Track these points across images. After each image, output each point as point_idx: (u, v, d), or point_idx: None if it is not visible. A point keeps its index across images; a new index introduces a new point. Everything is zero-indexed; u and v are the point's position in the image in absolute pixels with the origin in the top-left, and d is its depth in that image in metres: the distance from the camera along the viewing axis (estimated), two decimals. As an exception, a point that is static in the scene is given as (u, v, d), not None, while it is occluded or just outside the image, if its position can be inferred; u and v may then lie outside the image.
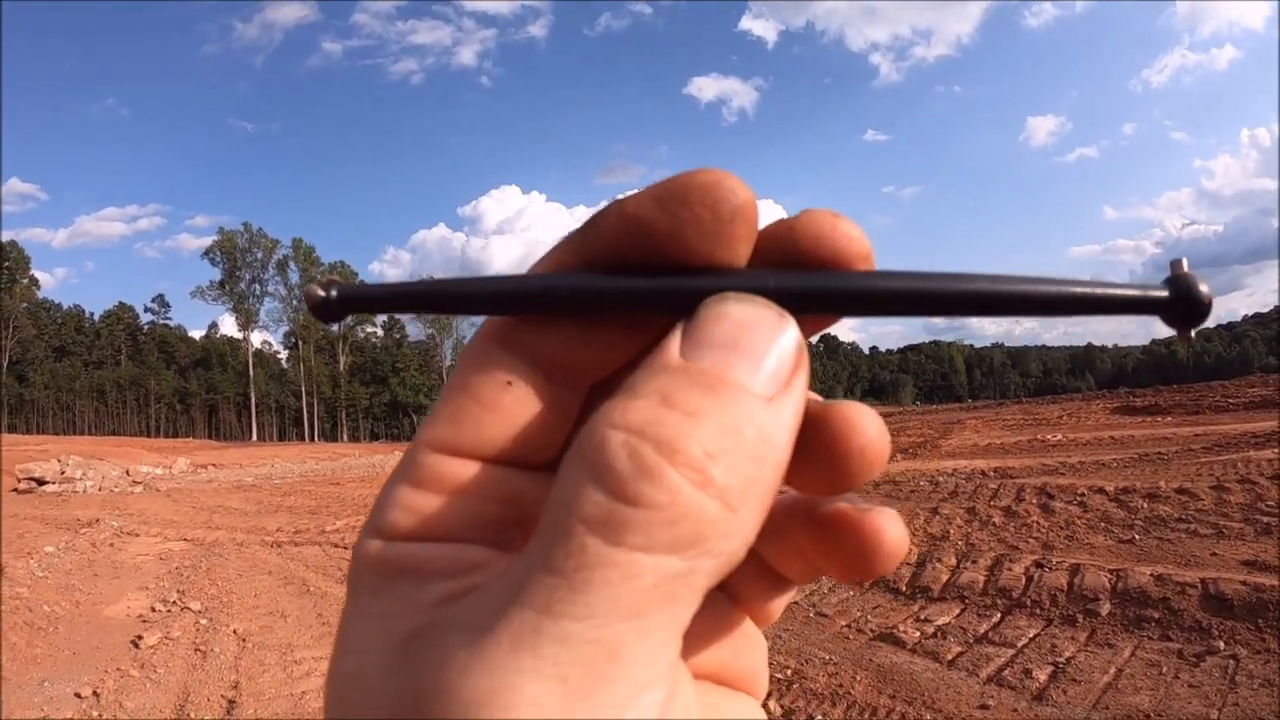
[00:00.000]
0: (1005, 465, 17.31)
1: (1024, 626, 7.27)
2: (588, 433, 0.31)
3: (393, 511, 0.36)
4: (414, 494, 0.36)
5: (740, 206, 0.34)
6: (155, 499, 25.91)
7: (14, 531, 16.66)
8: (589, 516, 0.29)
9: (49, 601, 10.55)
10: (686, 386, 0.31)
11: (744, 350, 0.32)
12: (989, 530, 10.13)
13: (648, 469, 0.29)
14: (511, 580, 0.30)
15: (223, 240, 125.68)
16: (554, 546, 0.29)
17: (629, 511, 0.29)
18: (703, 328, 0.33)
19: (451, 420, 0.37)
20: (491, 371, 0.37)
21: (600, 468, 0.29)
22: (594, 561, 0.28)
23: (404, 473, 0.37)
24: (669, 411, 0.30)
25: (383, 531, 0.36)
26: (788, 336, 0.33)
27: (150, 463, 44.38)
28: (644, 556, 0.28)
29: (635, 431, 0.30)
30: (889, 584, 8.71)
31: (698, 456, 0.29)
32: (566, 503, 0.29)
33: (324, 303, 0.40)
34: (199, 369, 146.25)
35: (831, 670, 6.81)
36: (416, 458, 0.37)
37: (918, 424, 40.13)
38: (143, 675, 8.04)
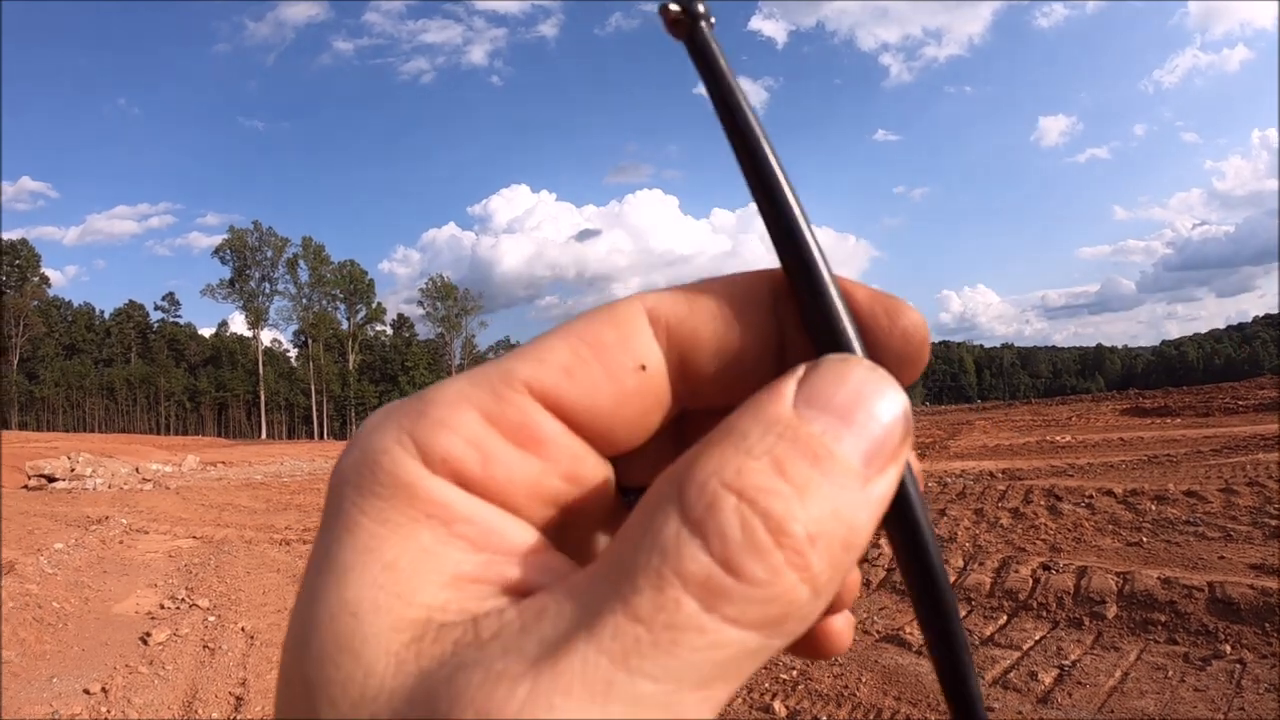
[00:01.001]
0: (1014, 466, 17.30)
1: (1030, 629, 7.27)
2: (696, 480, 0.30)
3: (454, 438, 0.33)
4: (487, 431, 0.34)
5: (919, 361, 0.38)
6: (165, 496, 25.95)
7: (24, 528, 16.71)
8: (689, 575, 0.28)
9: (58, 598, 10.58)
10: (798, 455, 0.30)
11: (856, 423, 0.32)
12: (996, 532, 10.12)
13: (757, 544, 0.28)
14: (580, 607, 0.29)
15: (233, 239, 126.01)
16: (643, 593, 0.28)
17: (730, 581, 0.28)
18: (822, 384, 0.33)
19: (566, 373, 0.35)
20: (633, 345, 0.36)
21: (711, 530, 0.28)
22: (685, 623, 0.27)
23: (479, 398, 0.34)
24: (782, 483, 0.29)
25: (427, 453, 0.33)
26: (898, 413, 0.33)
27: (160, 460, 44.44)
28: (732, 629, 0.28)
29: (749, 499, 0.29)
30: (895, 585, 8.71)
31: (801, 540, 0.29)
32: (665, 550, 0.28)
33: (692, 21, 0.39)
34: (209, 367, 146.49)
35: (837, 671, 6.82)
36: (505, 392, 0.34)
37: (926, 424, 40.05)
38: (151, 672, 8.07)
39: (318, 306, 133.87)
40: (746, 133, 0.38)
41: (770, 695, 6.51)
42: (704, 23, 0.39)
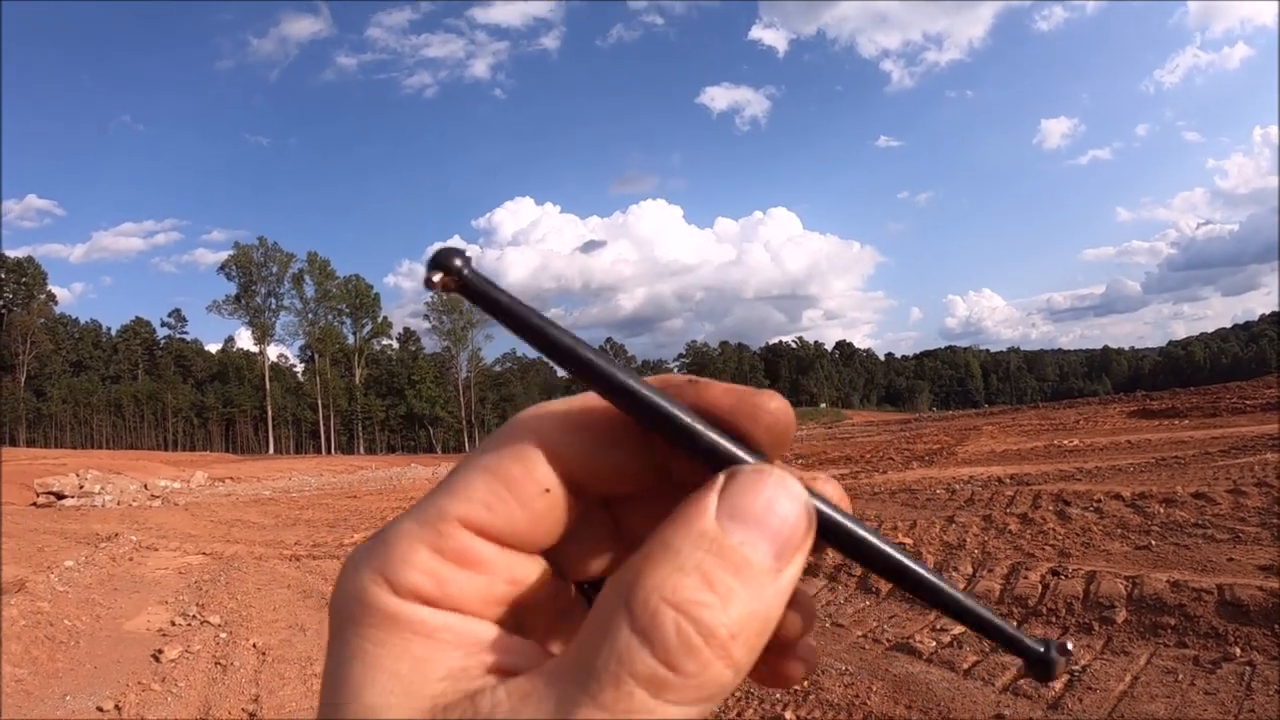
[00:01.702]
0: (1022, 471, 17.27)
1: (1040, 635, 7.25)
2: (641, 597, 0.38)
3: (411, 572, 0.42)
4: (436, 561, 0.43)
5: (787, 438, 0.47)
6: (173, 513, 26.03)
7: (34, 545, 16.78)
8: (639, 674, 0.36)
9: (70, 616, 10.62)
10: (722, 567, 0.39)
11: (769, 529, 0.41)
12: (1005, 538, 10.11)
13: (691, 647, 0.37)
14: (552, 696, 0.38)
15: (238, 255, 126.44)
16: (606, 688, 0.36)
17: (671, 676, 0.37)
18: (738, 497, 0.41)
19: (487, 507, 0.44)
20: (534, 474, 0.45)
21: (655, 639, 0.37)
22: (639, 709, 0.36)
23: (426, 536, 0.43)
24: (709, 594, 0.38)
25: (397, 586, 0.42)
26: (800, 512, 0.42)
27: (168, 476, 44.61)
28: (675, 708, 0.37)
29: (683, 612, 0.37)
30: (905, 594, 8.72)
31: (725, 639, 0.38)
32: (619, 656, 0.37)
33: (447, 265, 0.43)
34: (216, 383, 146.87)
35: (848, 681, 6.82)
36: (443, 528, 0.43)
37: (934, 430, 40.10)
38: (164, 689, 8.10)
39: (324, 321, 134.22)
40: (550, 341, 0.44)
41: (782, 705, 6.52)
42: (467, 269, 0.44)
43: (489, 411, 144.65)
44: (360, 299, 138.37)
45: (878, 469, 22.65)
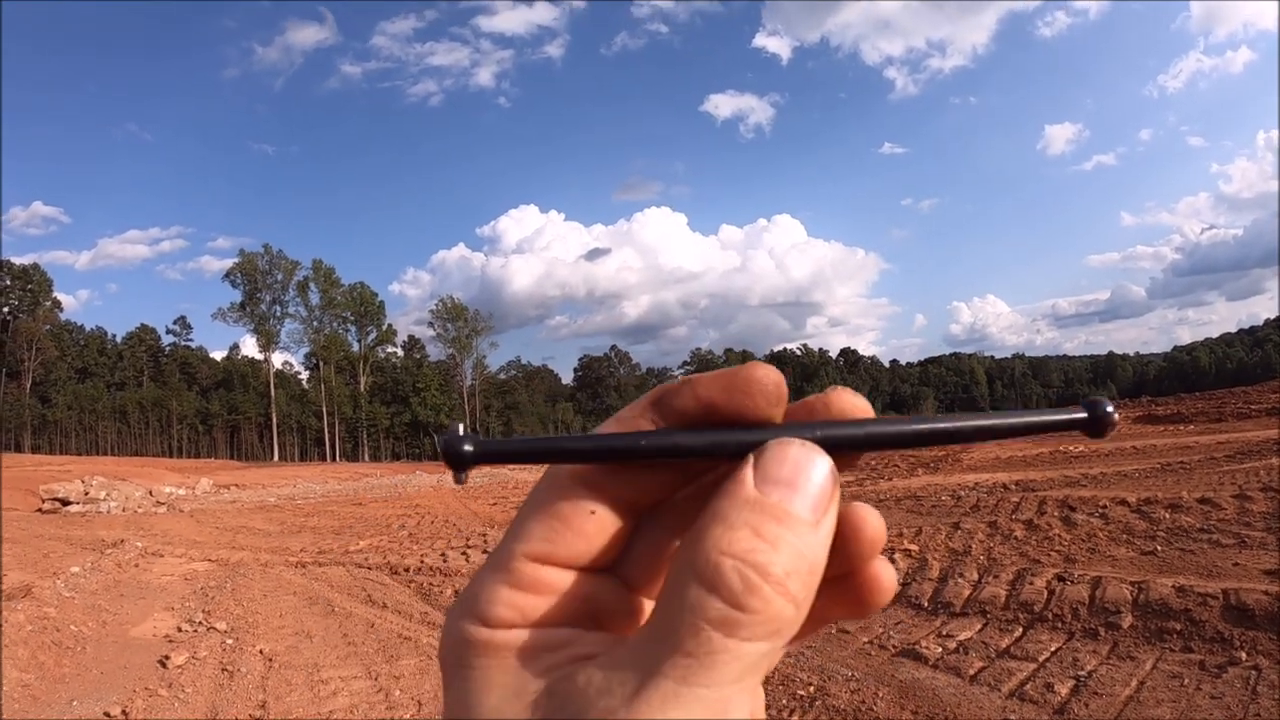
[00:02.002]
0: (1027, 478, 17.29)
1: (1046, 640, 7.28)
2: (702, 556, 0.45)
3: (496, 607, 0.50)
4: (514, 594, 0.50)
5: (781, 394, 0.52)
6: (179, 519, 26.07)
7: (39, 551, 16.80)
8: (713, 619, 0.43)
9: (76, 621, 10.64)
10: (767, 520, 0.46)
11: (801, 488, 0.47)
12: (1011, 544, 10.13)
13: (752, 587, 0.43)
14: (641, 658, 0.44)
15: (243, 262, 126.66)
16: (686, 638, 0.43)
17: (739, 615, 0.43)
18: (771, 466, 0.48)
19: (546, 539, 0.51)
20: (580, 504, 0.52)
21: (719, 585, 0.43)
22: (717, 649, 0.43)
23: (501, 576, 0.51)
24: (760, 541, 0.45)
25: (487, 620, 0.50)
26: (826, 473, 0.49)
27: (173, 483, 44.65)
28: (747, 644, 0.43)
29: (739, 558, 0.44)
30: (911, 600, 8.73)
31: (781, 577, 0.44)
32: (693, 607, 0.43)
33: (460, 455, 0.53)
34: (221, 390, 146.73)
35: (854, 687, 6.83)
36: (513, 564, 0.51)
37: (939, 436, 40.14)
38: (171, 695, 8.12)
39: (329, 329, 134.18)
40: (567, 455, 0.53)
41: (789, 711, 6.53)
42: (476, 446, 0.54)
43: (493, 419, 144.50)
44: (365, 306, 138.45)
45: (883, 475, 22.65)
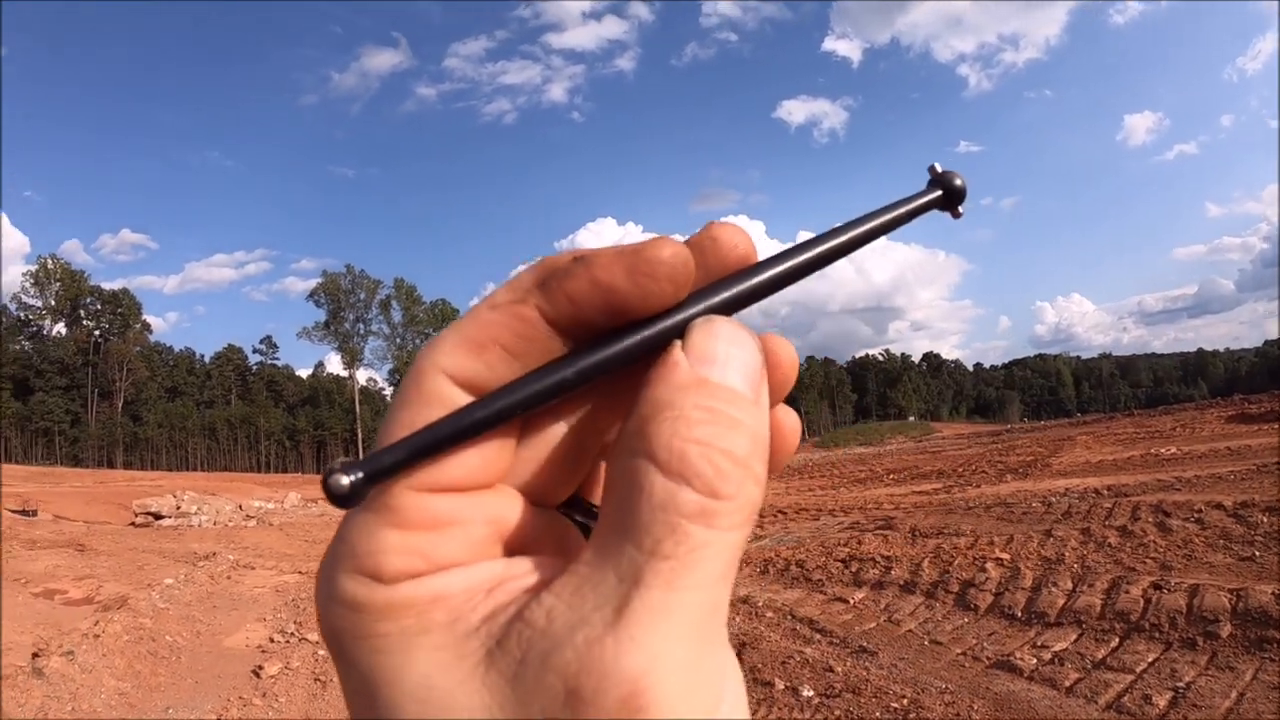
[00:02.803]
0: (1119, 482, 17.03)
1: (1143, 651, 7.18)
2: (662, 446, 0.39)
3: (388, 556, 0.40)
4: (406, 536, 0.41)
5: (690, 272, 0.44)
6: (268, 533, 26.46)
7: (134, 564, 17.19)
8: (690, 512, 0.37)
9: (171, 632, 10.89)
10: (719, 402, 0.40)
11: (736, 364, 0.42)
12: (1105, 552, 9.99)
13: (723, 473, 0.38)
14: (609, 573, 0.38)
15: (326, 282, 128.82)
16: (664, 538, 0.37)
17: (716, 504, 0.38)
18: (702, 346, 0.43)
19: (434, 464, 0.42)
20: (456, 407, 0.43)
21: (689, 475, 0.38)
22: (699, 544, 0.37)
23: (383, 518, 0.41)
24: (718, 426, 0.40)
25: (382, 576, 0.40)
26: (756, 347, 0.44)
27: (262, 497, 45.24)
28: (728, 534, 0.38)
29: (705, 445, 0.39)
30: (1004, 610, 8.66)
31: (747, 458, 0.40)
32: (664, 504, 0.37)
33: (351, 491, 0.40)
34: (306, 406, 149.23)
35: (948, 700, 6.79)
36: (395, 503, 0.41)
37: (1027, 442, 39.57)
38: (265, 704, 8.29)
39: (411, 345, 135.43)
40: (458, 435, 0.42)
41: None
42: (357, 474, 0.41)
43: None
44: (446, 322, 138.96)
45: (970, 482, 22.47)
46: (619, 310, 0.43)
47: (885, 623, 9.23)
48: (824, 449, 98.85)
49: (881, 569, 11.14)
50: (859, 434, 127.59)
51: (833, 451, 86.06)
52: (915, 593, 9.88)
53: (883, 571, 11.02)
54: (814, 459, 65.72)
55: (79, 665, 8.72)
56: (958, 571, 10.14)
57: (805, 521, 18.35)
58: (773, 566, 12.74)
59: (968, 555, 10.81)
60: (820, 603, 10.43)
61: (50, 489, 48.59)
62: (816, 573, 11.75)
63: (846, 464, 49.59)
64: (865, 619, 9.48)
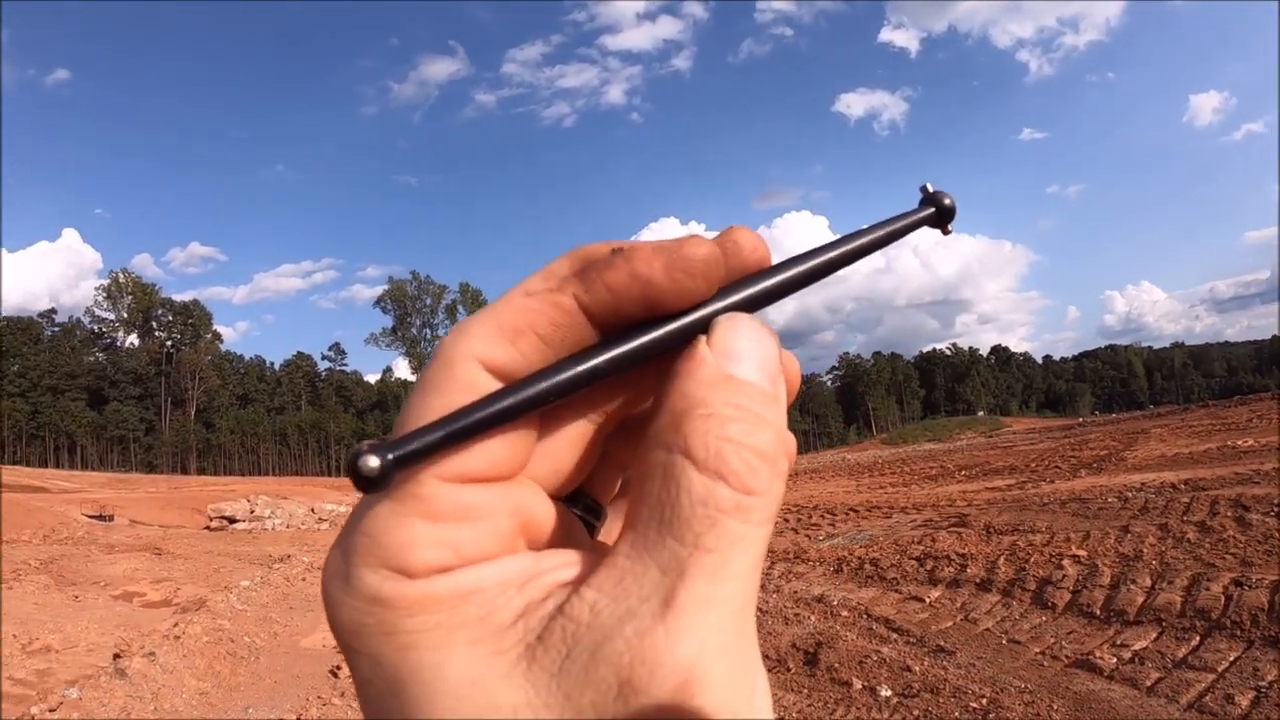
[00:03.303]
0: (1196, 476, 16.77)
1: (1224, 649, 7.08)
2: (699, 444, 0.40)
3: (419, 550, 0.39)
4: (437, 528, 0.40)
5: (721, 270, 0.45)
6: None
7: (210, 567, 17.59)
8: (726, 508, 0.39)
9: (249, 633, 11.09)
10: (746, 400, 0.42)
11: (757, 359, 0.44)
12: (1183, 548, 9.86)
13: (755, 470, 0.40)
14: (653, 566, 0.39)
15: (393, 289, 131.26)
16: (704, 532, 0.38)
17: (750, 499, 0.39)
18: (726, 343, 0.44)
19: (462, 452, 0.41)
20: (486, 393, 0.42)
21: (726, 472, 0.39)
22: (736, 537, 0.39)
23: (410, 508, 0.40)
24: (748, 423, 0.41)
25: (411, 570, 0.39)
26: (771, 340, 0.45)
27: (333, 500, 45.67)
28: (761, 527, 0.40)
29: (738, 444, 0.40)
30: (1083, 608, 8.57)
31: (774, 455, 0.41)
32: (704, 499, 0.39)
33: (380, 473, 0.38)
34: (376, 411, 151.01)
35: (1027, 699, 6.74)
36: (423, 492, 0.40)
37: (1100, 435, 39.07)
38: (344, 703, 8.39)
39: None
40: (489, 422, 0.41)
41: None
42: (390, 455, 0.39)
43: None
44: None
45: (1044, 478, 22.25)
46: (653, 303, 0.44)
47: (962, 621, 9.18)
48: (892, 446, 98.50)
49: (956, 567, 11.07)
50: (928, 430, 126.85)
51: (901, 448, 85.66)
52: (991, 591, 9.81)
53: (958, 569, 10.96)
54: (883, 456, 65.43)
55: (160, 666, 8.88)
56: (1034, 569, 10.05)
57: (878, 519, 18.27)
58: (847, 565, 12.70)
59: (1044, 552, 10.71)
60: (896, 601, 10.39)
61: (126, 495, 49.58)
62: (891, 571, 11.71)
63: (916, 460, 49.29)
64: (941, 618, 9.43)
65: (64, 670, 9.11)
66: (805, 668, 8.19)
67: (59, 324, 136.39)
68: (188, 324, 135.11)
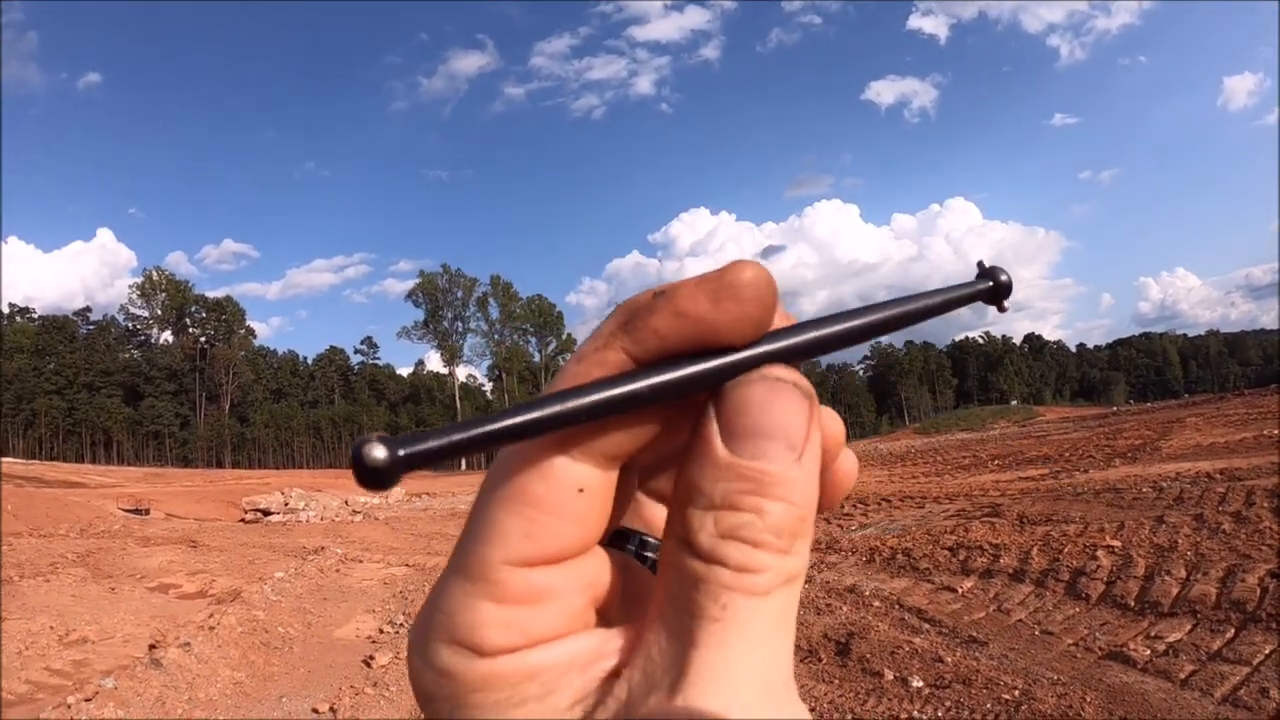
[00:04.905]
0: (1232, 466, 16.66)
1: (1259, 642, 7.01)
2: (695, 540, 0.40)
3: (488, 631, 0.40)
4: (504, 611, 0.41)
5: (776, 296, 0.42)
6: (375, 527, 26.94)
7: (245, 559, 17.78)
8: (729, 584, 0.39)
9: (283, 623, 11.18)
10: (744, 490, 0.40)
11: (770, 432, 0.41)
12: (1219, 539, 9.78)
13: (754, 557, 0.39)
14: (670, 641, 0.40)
15: (424, 282, 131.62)
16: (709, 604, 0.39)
17: (751, 578, 0.39)
18: (733, 418, 0.41)
19: (528, 536, 0.41)
20: (559, 481, 0.41)
21: (725, 559, 0.39)
22: (743, 609, 0.39)
23: (481, 589, 0.41)
24: (744, 515, 0.40)
25: (480, 649, 0.40)
26: (798, 404, 0.42)
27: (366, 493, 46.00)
28: (774, 598, 0.40)
29: (732, 536, 0.39)
30: (1116, 599, 8.52)
31: (774, 541, 0.40)
32: (706, 577, 0.39)
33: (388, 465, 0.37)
34: (408, 404, 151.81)
35: (1060, 691, 6.70)
36: (494, 575, 0.40)
37: (1134, 425, 38.84)
38: (376, 693, 8.43)
39: (509, 341, 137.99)
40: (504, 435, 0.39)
41: (994, 716, 6.45)
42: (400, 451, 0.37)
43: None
44: (544, 318, 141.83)
45: (1078, 468, 22.15)
46: (708, 340, 0.42)
47: (995, 612, 9.14)
48: (925, 435, 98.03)
49: (989, 557, 11.03)
50: (960, 419, 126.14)
51: (934, 438, 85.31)
52: (1025, 581, 9.77)
53: (991, 560, 10.91)
54: (916, 445, 65.25)
55: (195, 656, 8.96)
56: (1068, 559, 10.00)
57: (910, 509, 18.26)
58: (879, 555, 12.68)
59: (1078, 543, 10.65)
60: (928, 592, 10.36)
61: (162, 489, 50.11)
62: (923, 561, 11.67)
63: (949, 450, 49.17)
64: (974, 608, 9.39)
65: (100, 661, 9.23)
66: (837, 658, 8.17)
67: (94, 322, 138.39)
68: (221, 320, 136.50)
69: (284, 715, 8.05)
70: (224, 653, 9.37)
